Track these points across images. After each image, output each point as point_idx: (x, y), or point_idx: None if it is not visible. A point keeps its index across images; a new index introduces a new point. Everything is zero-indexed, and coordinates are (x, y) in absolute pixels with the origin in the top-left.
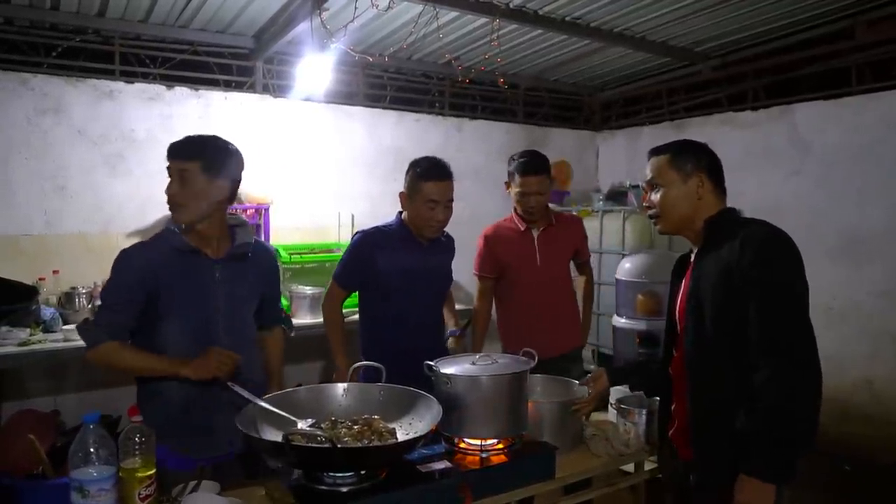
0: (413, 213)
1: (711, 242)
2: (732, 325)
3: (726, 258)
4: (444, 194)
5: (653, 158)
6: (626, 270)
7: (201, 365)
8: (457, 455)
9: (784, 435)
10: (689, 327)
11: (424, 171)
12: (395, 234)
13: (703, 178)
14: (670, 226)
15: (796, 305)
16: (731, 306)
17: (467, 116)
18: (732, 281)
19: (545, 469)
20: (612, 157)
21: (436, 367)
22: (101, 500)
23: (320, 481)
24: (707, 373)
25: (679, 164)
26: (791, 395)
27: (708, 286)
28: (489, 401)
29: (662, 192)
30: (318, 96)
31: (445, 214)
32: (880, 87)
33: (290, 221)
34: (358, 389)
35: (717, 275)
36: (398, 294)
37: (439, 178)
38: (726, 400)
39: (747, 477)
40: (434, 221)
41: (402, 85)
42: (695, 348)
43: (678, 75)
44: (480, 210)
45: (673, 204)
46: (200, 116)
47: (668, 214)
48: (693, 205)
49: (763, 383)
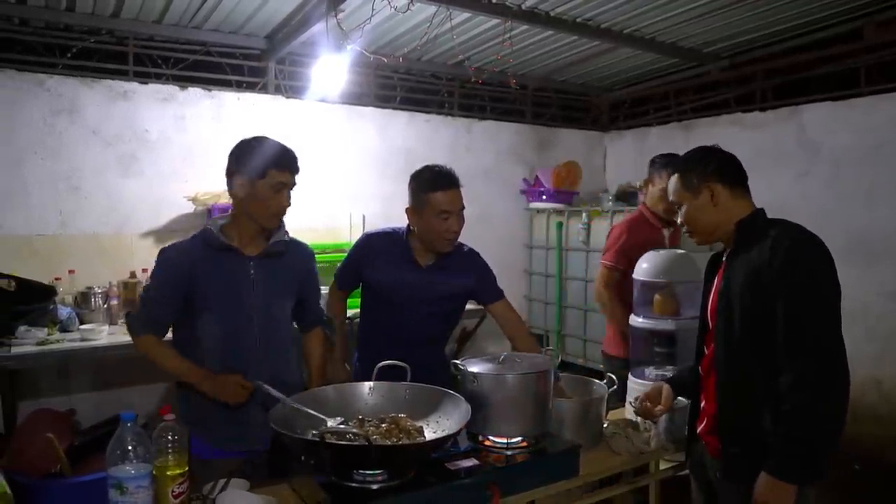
0: (424, 228)
1: (742, 244)
2: (761, 327)
3: (756, 260)
4: (456, 203)
5: (670, 179)
6: (643, 270)
7: (219, 387)
8: (482, 453)
9: (806, 436)
10: (720, 327)
11: (431, 182)
12: (396, 247)
13: (712, 188)
14: (702, 237)
15: (824, 307)
16: (760, 308)
17: (476, 117)
18: (761, 283)
19: (569, 467)
20: (620, 158)
21: (462, 365)
22: (138, 497)
23: (350, 479)
24: (735, 373)
25: (686, 181)
26: (815, 398)
27: (737, 287)
28: (515, 399)
29: (683, 209)
30: (330, 97)
31: (460, 224)
32: (889, 89)
33: (302, 222)
34: (384, 388)
35: (746, 276)
36: (387, 305)
37: (448, 185)
38: (753, 400)
39: (768, 476)
40: (449, 233)
41: (412, 86)
42: (723, 348)
43: (687, 76)
44: (490, 211)
45: (694, 218)
46: (213, 117)
47: (694, 228)
48: (713, 213)
49: (788, 385)
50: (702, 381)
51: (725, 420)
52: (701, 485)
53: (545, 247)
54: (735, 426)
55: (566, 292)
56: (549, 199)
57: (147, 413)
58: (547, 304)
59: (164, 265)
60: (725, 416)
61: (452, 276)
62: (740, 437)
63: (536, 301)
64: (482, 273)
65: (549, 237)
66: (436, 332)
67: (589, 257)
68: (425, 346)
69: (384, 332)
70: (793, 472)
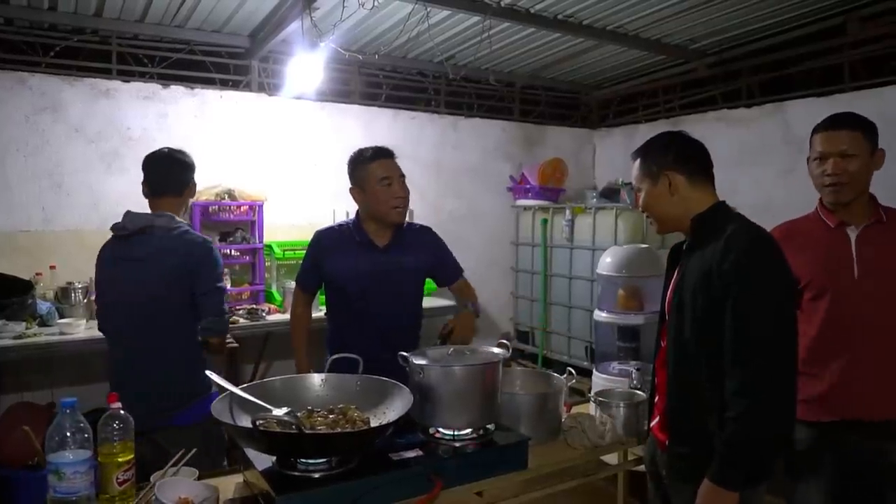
0: (371, 202)
1: (697, 240)
2: (710, 329)
3: (709, 260)
4: (394, 169)
5: (632, 164)
6: (606, 265)
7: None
8: (429, 444)
9: (747, 444)
10: (671, 324)
11: (366, 156)
12: (349, 236)
13: (670, 176)
14: (661, 226)
15: (772, 312)
16: (710, 310)
17: (463, 114)
18: (712, 284)
19: (517, 460)
20: (608, 155)
21: (409, 357)
22: (76, 482)
23: (293, 468)
24: (684, 371)
25: (646, 167)
26: (758, 406)
27: (690, 286)
28: (461, 391)
29: (642, 195)
30: (312, 95)
31: (404, 190)
32: (872, 84)
33: (285, 219)
34: (336, 380)
35: (698, 276)
36: (353, 298)
37: (383, 155)
38: (700, 400)
39: (709, 482)
40: (395, 199)
41: (397, 83)
42: (673, 346)
43: (674, 73)
44: (477, 208)
45: (651, 205)
46: (196, 115)
47: (653, 216)
48: (670, 203)
49: (732, 391)
50: (656, 376)
51: (673, 418)
52: (654, 481)
53: (531, 244)
54: (682, 425)
55: (551, 289)
56: (535, 196)
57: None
58: (533, 302)
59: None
60: (673, 414)
61: (410, 252)
62: (687, 437)
63: (522, 298)
64: (440, 249)
65: (535, 234)
66: (405, 318)
67: (573, 254)
68: (398, 335)
69: (355, 328)
70: (733, 479)
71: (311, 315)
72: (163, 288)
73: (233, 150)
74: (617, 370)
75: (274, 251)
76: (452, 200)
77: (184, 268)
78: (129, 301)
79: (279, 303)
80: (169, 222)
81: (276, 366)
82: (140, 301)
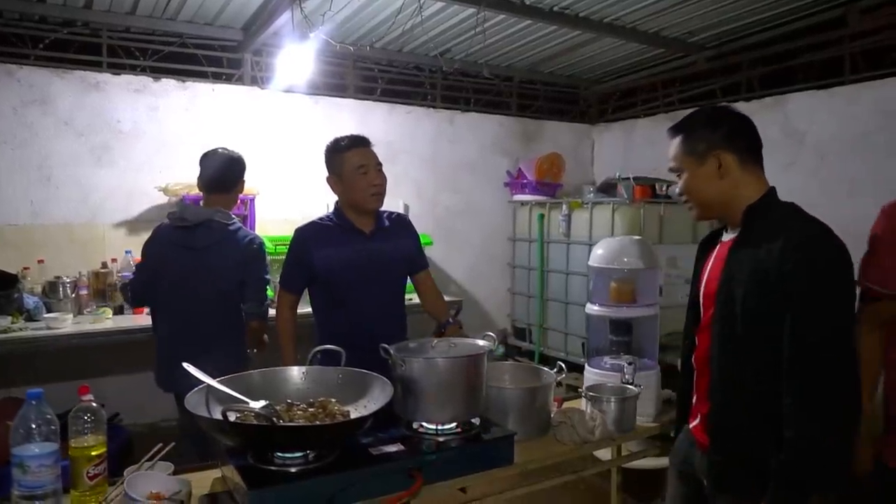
0: (348, 191)
1: (749, 233)
2: (765, 334)
3: (765, 259)
4: (371, 157)
5: (671, 142)
6: (598, 257)
7: None
8: (413, 439)
9: (806, 475)
10: (718, 326)
11: (343, 145)
12: (332, 226)
13: (720, 156)
14: (703, 212)
15: (836, 321)
16: (766, 314)
17: (459, 109)
18: (769, 284)
19: (503, 455)
20: (608, 150)
21: (392, 350)
22: (41, 476)
23: (270, 462)
24: (731, 375)
25: (690, 145)
26: (817, 430)
27: (741, 285)
28: (444, 384)
29: (684, 177)
30: (305, 88)
31: (380, 178)
32: (873, 76)
33: (278, 213)
34: (317, 373)
35: (752, 275)
36: (344, 289)
37: (359, 144)
38: (750, 404)
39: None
40: (372, 186)
41: (393, 77)
42: (720, 347)
43: (673, 66)
44: (476, 203)
45: (696, 189)
46: (187, 108)
47: (695, 201)
48: (718, 187)
49: (792, 408)
50: (695, 377)
51: (718, 422)
52: (685, 480)
53: (528, 240)
54: (727, 430)
55: (548, 285)
56: (532, 191)
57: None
58: (530, 298)
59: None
60: (718, 417)
61: (393, 237)
62: (732, 444)
63: (519, 295)
64: (416, 238)
65: (532, 230)
66: (394, 307)
67: (569, 250)
68: (387, 325)
69: (345, 321)
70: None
71: (296, 318)
72: (222, 277)
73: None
74: (609, 365)
75: (266, 246)
76: (449, 195)
77: (240, 259)
78: (192, 285)
79: (271, 296)
80: (226, 218)
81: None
82: (201, 285)
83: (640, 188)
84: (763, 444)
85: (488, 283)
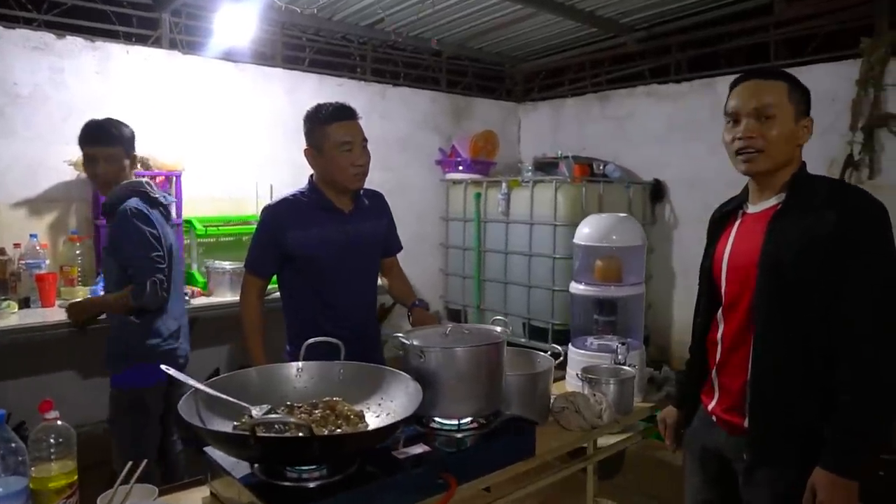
0: (328, 167)
1: (796, 202)
2: (817, 301)
3: (816, 226)
4: (357, 133)
5: (760, 82)
6: (584, 235)
7: None
8: (431, 437)
9: (869, 430)
10: (764, 299)
11: (327, 115)
12: (308, 203)
13: (809, 124)
14: (768, 164)
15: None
16: (818, 280)
17: (390, 83)
18: (825, 253)
19: (525, 447)
20: (535, 129)
21: (407, 339)
22: None
23: (282, 476)
24: (781, 349)
25: (798, 98)
26: (882, 390)
27: (791, 254)
28: (467, 375)
29: (775, 124)
30: (232, 55)
31: (365, 157)
32: (797, 63)
33: (205, 191)
34: (315, 368)
35: (804, 243)
36: (319, 273)
37: (346, 116)
38: (799, 380)
39: (829, 473)
40: (355, 167)
41: (321, 47)
42: (768, 318)
43: (602, 47)
44: (407, 180)
45: (780, 140)
46: (98, 72)
47: (772, 152)
48: (793, 149)
49: (853, 372)
50: (718, 356)
51: (761, 397)
52: (706, 465)
53: (462, 219)
54: (772, 405)
55: (485, 266)
56: (467, 169)
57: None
58: (465, 279)
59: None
60: (760, 392)
61: (372, 217)
62: (776, 417)
63: (454, 276)
64: (391, 218)
65: (466, 209)
66: (368, 294)
67: (508, 229)
68: (362, 313)
69: (318, 306)
70: (855, 468)
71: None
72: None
73: (144, 113)
74: (596, 346)
75: (195, 227)
76: (381, 173)
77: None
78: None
79: (203, 285)
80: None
81: (199, 354)
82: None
83: (580, 166)
84: (809, 414)
85: (420, 264)
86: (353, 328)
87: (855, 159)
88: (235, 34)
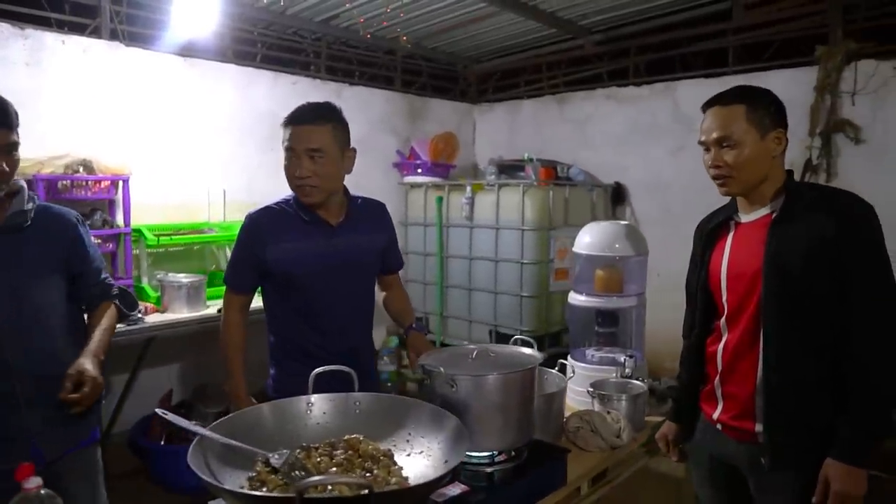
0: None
1: (793, 209)
2: (823, 303)
3: (816, 231)
4: (301, 141)
5: (719, 109)
6: (586, 244)
7: None
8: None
9: (876, 423)
10: (771, 306)
11: (287, 116)
12: (293, 215)
13: (781, 135)
14: (741, 187)
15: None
16: (824, 282)
17: (346, 81)
18: (827, 255)
19: (557, 476)
20: (490, 131)
21: (433, 366)
22: None
23: None
24: (791, 355)
25: (757, 117)
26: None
27: (795, 259)
28: (501, 405)
29: (738, 149)
30: (177, 48)
31: (309, 168)
32: (754, 68)
33: (154, 197)
34: (327, 402)
35: (806, 248)
36: (301, 291)
37: (295, 121)
38: (811, 378)
39: (841, 464)
40: (294, 178)
41: (273, 42)
42: (777, 323)
43: (559, 49)
44: (365, 185)
45: (749, 163)
46: (28, 63)
47: (741, 176)
48: (768, 164)
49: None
50: (723, 365)
51: (776, 401)
52: (714, 471)
53: (423, 224)
54: (787, 408)
55: (447, 272)
56: (426, 172)
57: None
58: (426, 285)
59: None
60: (775, 397)
61: (366, 230)
62: (792, 420)
63: (414, 282)
64: (392, 231)
65: (427, 213)
66: (358, 316)
67: (472, 234)
68: (352, 336)
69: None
70: (866, 458)
71: (246, 324)
72: None
73: (85, 111)
74: (597, 358)
75: (145, 237)
76: None
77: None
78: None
79: (155, 299)
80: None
81: (148, 375)
82: None
83: (545, 170)
84: (823, 414)
85: None
86: (341, 353)
87: (813, 163)
88: (183, 25)
